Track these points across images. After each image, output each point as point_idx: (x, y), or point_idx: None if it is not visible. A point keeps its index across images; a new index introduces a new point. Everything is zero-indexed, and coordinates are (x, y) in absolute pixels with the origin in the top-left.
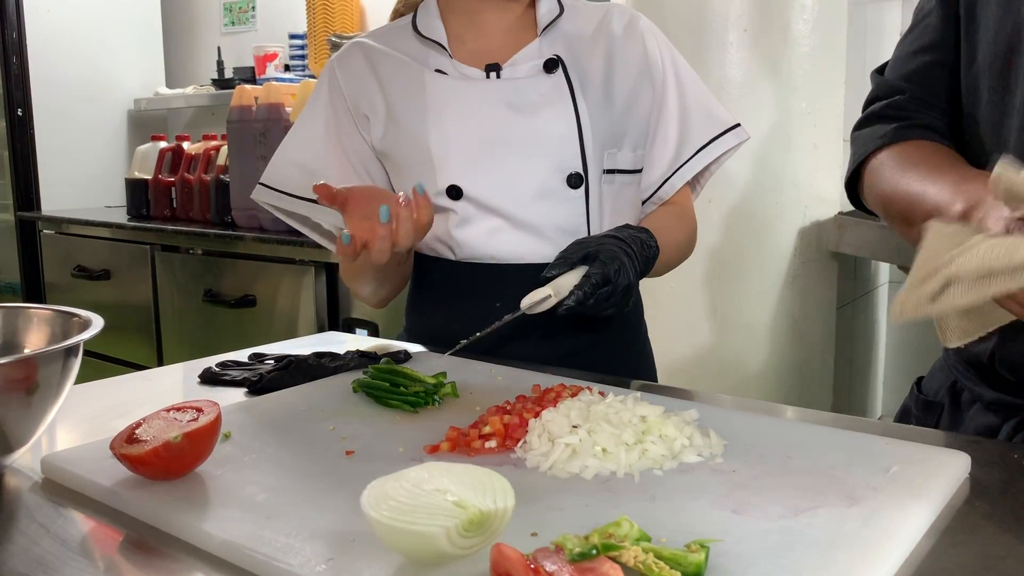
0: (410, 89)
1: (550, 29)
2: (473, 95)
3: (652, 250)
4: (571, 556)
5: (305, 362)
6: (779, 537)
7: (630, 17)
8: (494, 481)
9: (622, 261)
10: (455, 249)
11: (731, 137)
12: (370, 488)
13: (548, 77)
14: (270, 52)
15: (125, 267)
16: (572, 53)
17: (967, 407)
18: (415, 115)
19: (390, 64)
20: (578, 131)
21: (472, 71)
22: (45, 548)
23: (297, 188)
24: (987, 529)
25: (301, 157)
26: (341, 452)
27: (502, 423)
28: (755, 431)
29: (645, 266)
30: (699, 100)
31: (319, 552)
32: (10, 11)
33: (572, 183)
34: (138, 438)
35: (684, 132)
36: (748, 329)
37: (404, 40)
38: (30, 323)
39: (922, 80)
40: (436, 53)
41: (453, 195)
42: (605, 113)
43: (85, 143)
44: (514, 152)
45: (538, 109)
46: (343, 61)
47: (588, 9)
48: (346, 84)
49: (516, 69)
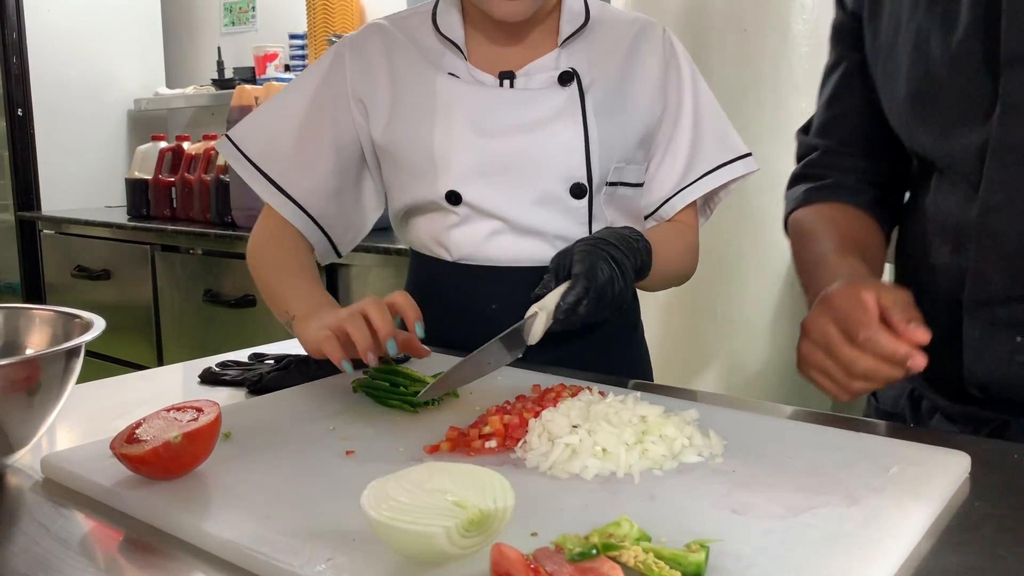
0: (420, 89)
1: (571, 41)
2: (483, 102)
3: (640, 243)
4: (571, 556)
5: (305, 362)
6: (779, 537)
7: (658, 33)
8: (494, 481)
9: (599, 264)
10: (451, 250)
11: (740, 166)
12: (370, 488)
13: (562, 90)
14: (270, 52)
15: (125, 267)
16: (591, 66)
17: (928, 416)
18: (422, 116)
19: (405, 57)
20: (585, 145)
21: (486, 77)
22: (45, 548)
23: (257, 155)
24: (987, 529)
25: (273, 124)
26: (341, 452)
27: (502, 423)
28: (755, 431)
29: (637, 262)
30: (714, 124)
31: (319, 552)
32: (10, 11)
33: (575, 193)
34: (138, 438)
35: (693, 154)
36: (748, 329)
37: (423, 31)
38: (32, 324)
39: (835, 132)
40: (451, 54)
41: (452, 200)
42: (618, 130)
43: (85, 143)
44: (518, 162)
45: (548, 122)
46: (357, 44)
47: (617, 22)
48: (352, 66)
49: (530, 79)
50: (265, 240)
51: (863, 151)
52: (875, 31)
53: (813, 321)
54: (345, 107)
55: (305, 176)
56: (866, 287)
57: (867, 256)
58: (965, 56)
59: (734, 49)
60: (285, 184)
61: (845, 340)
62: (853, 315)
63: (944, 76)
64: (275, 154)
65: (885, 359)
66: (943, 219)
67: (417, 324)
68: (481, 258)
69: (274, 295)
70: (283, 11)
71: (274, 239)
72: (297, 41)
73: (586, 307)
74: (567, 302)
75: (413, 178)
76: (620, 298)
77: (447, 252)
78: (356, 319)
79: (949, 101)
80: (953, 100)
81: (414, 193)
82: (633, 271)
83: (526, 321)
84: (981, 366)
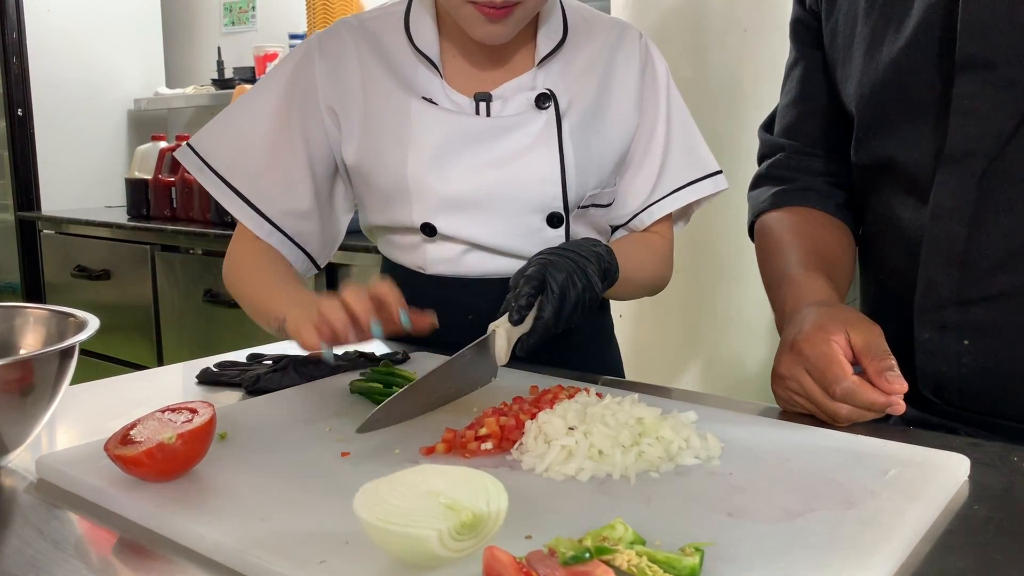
0: (394, 111)
1: (549, 59)
2: (460, 135)
3: (600, 247)
4: (564, 560)
5: (302, 363)
6: (776, 540)
7: (635, 41)
8: (487, 483)
9: (560, 274)
10: (426, 267)
11: (709, 184)
12: (363, 490)
13: (539, 114)
14: (270, 52)
15: (125, 267)
16: (568, 85)
17: (885, 418)
18: (395, 143)
19: (377, 69)
20: (562, 175)
21: (461, 99)
22: (38, 549)
23: (225, 168)
24: (986, 532)
25: (238, 135)
26: (336, 453)
27: (498, 425)
28: (752, 433)
29: (601, 265)
30: (685, 139)
31: (312, 554)
32: (10, 11)
33: (552, 223)
34: (132, 439)
35: (663, 170)
36: (748, 329)
37: (394, 38)
38: (26, 323)
39: (798, 133)
40: (426, 70)
41: (428, 232)
42: (594, 158)
43: (85, 143)
44: (494, 196)
45: (524, 153)
46: (327, 46)
47: (594, 31)
48: (323, 71)
49: (506, 103)
50: (241, 259)
51: (830, 153)
52: (832, 31)
53: (787, 368)
54: (317, 117)
55: (280, 195)
56: (835, 331)
57: (835, 271)
58: (916, 61)
59: (734, 49)
60: (259, 203)
61: (823, 393)
62: (827, 372)
63: (895, 80)
64: (245, 167)
65: (865, 408)
66: (896, 222)
67: (401, 311)
68: (456, 272)
69: (259, 307)
70: (283, 11)
71: (250, 257)
72: (297, 41)
73: (553, 315)
74: (538, 315)
75: (387, 203)
76: (589, 303)
77: (422, 268)
78: (333, 304)
79: (901, 106)
80: (904, 105)
81: (388, 216)
82: (599, 275)
83: (488, 340)
84: (932, 368)
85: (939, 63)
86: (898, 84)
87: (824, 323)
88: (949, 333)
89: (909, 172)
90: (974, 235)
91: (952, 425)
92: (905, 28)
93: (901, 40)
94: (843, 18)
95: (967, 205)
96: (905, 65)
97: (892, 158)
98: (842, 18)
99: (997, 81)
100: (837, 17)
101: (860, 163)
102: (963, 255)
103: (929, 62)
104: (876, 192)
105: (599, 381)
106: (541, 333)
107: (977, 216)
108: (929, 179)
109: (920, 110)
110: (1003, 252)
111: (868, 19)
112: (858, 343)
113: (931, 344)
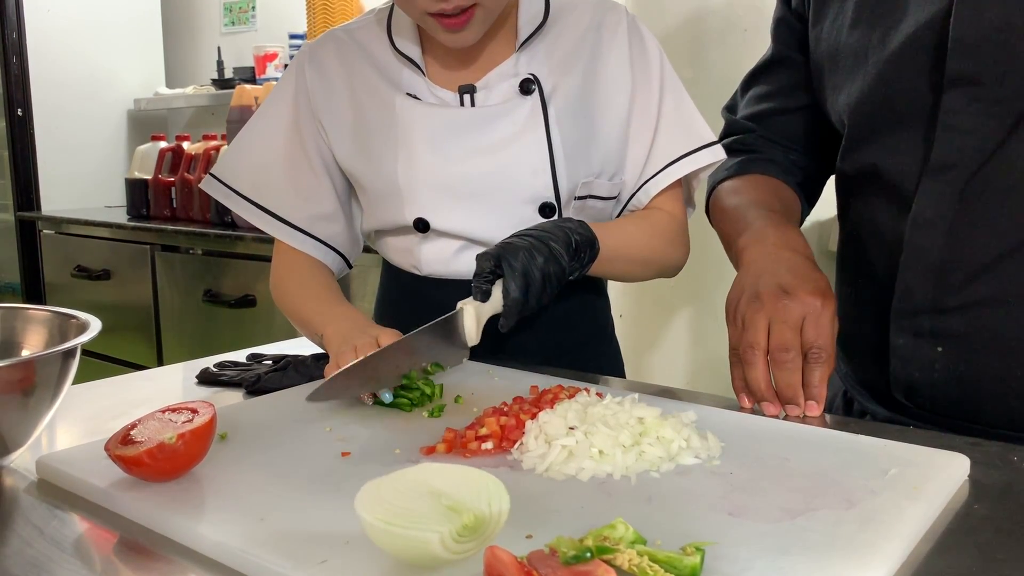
0: (381, 112)
1: (530, 42)
2: (444, 125)
3: (569, 223)
4: (565, 559)
5: (302, 363)
6: (776, 540)
7: (622, 18)
8: (489, 484)
9: (520, 252)
10: (420, 267)
11: (707, 154)
12: (364, 490)
13: (524, 100)
14: (270, 52)
15: (125, 267)
16: (552, 69)
17: (859, 419)
18: (384, 143)
19: (363, 74)
20: (551, 163)
21: (446, 94)
22: (39, 550)
23: (250, 189)
24: (986, 532)
25: (256, 155)
26: (337, 453)
27: (499, 424)
28: (753, 433)
29: (570, 240)
30: (680, 111)
31: (313, 554)
32: (10, 11)
33: (544, 213)
34: (133, 439)
35: (655, 144)
36: None
37: (378, 44)
38: (28, 324)
39: (773, 126)
40: (410, 71)
41: (420, 227)
42: (583, 144)
43: (85, 143)
44: (484, 187)
45: (511, 142)
46: (317, 57)
47: (580, 10)
48: (313, 83)
49: (490, 93)
50: (284, 273)
51: (798, 148)
52: (818, 37)
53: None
54: (314, 126)
55: (304, 202)
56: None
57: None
58: (905, 74)
59: (734, 49)
60: (288, 215)
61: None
62: (745, 352)
63: (882, 91)
64: (268, 185)
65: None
66: (877, 229)
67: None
68: (450, 273)
69: (303, 321)
70: (283, 11)
71: (291, 269)
72: (297, 41)
73: (520, 292)
74: (505, 294)
75: (379, 204)
76: (556, 277)
77: (417, 268)
78: (371, 347)
79: (887, 117)
80: (891, 116)
81: (381, 218)
82: (565, 248)
83: (456, 317)
84: (906, 373)
85: (928, 77)
86: (885, 95)
87: (770, 287)
88: (923, 340)
89: (893, 181)
90: (952, 245)
91: (921, 427)
92: (892, 41)
93: (889, 53)
94: (829, 26)
95: (947, 216)
96: (893, 77)
97: (876, 166)
98: (827, 26)
99: (984, 98)
100: (823, 25)
101: (845, 170)
102: (940, 264)
103: (918, 76)
104: (859, 198)
105: (599, 381)
106: (515, 312)
107: (956, 227)
108: (912, 189)
109: (907, 121)
110: (979, 263)
111: (855, 30)
112: (775, 341)
113: (905, 350)
